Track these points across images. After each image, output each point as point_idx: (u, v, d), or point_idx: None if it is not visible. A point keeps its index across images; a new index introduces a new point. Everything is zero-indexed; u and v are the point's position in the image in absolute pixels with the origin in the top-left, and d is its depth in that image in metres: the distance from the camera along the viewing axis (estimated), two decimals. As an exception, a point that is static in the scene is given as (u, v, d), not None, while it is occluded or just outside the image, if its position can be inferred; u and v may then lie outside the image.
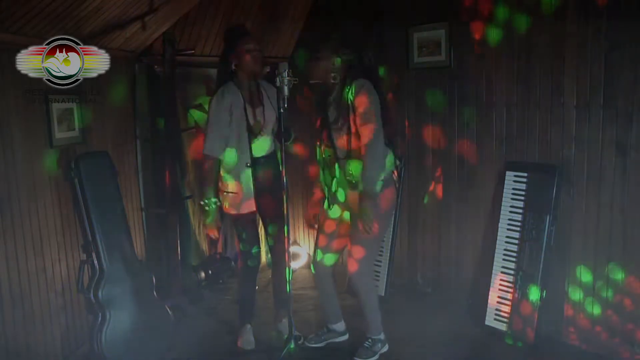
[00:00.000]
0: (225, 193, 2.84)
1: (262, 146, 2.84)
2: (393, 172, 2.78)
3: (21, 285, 2.51)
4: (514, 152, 3.05)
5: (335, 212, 2.83)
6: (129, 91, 3.40)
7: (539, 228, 2.86)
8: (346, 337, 3.05)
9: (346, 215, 2.81)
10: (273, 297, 3.16)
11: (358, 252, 2.72)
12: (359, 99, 2.54)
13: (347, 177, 2.65)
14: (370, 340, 2.85)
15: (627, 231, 2.64)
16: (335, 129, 2.64)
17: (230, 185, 2.82)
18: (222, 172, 2.84)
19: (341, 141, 2.64)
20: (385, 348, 2.89)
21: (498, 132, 3.11)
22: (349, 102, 2.58)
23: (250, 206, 2.85)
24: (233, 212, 2.86)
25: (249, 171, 2.79)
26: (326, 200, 2.85)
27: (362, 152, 2.56)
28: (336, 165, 2.74)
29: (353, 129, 2.59)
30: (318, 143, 2.79)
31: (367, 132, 2.54)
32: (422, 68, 3.41)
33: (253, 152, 2.80)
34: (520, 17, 2.91)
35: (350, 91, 2.57)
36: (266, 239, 3.11)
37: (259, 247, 3.00)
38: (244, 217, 2.89)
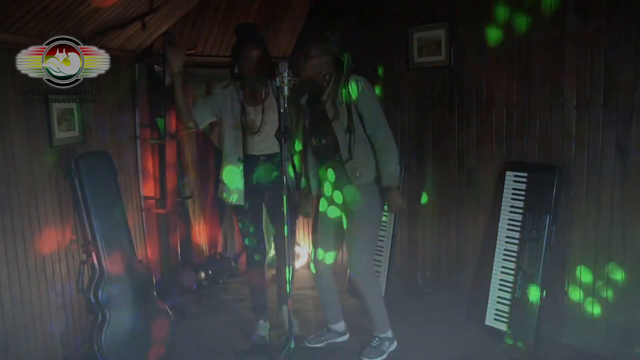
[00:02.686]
0: (219, 181, 2.95)
1: (261, 145, 2.84)
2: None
3: (21, 285, 2.51)
4: (514, 152, 3.04)
5: (332, 211, 2.84)
6: (129, 91, 3.40)
7: (539, 228, 2.86)
8: (346, 337, 3.05)
9: (338, 212, 2.82)
10: (277, 297, 3.18)
11: (357, 250, 2.73)
12: (364, 95, 2.60)
13: (350, 174, 2.65)
14: (377, 339, 2.85)
15: (627, 231, 2.64)
16: (335, 127, 2.65)
17: (223, 174, 2.92)
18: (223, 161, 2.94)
19: (343, 139, 2.64)
20: (394, 346, 2.88)
21: (498, 132, 3.11)
22: (350, 99, 2.60)
23: (237, 199, 2.89)
24: (226, 200, 2.95)
25: (240, 165, 2.84)
26: (323, 199, 2.86)
27: (380, 147, 2.63)
28: (329, 166, 2.76)
29: (352, 125, 2.61)
30: (312, 143, 2.79)
31: (382, 126, 2.64)
32: (422, 68, 3.41)
33: (250, 150, 2.84)
34: (520, 17, 2.91)
35: (351, 88, 2.60)
36: (269, 238, 3.17)
37: (264, 246, 3.03)
38: (244, 216, 2.93)
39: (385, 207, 2.82)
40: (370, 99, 2.64)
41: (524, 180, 2.97)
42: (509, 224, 3.01)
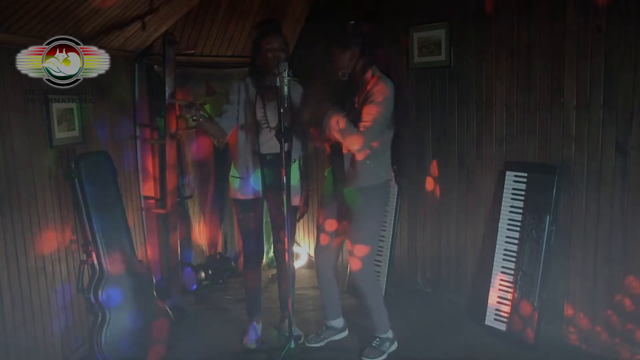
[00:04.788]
0: (231, 177, 2.90)
1: (272, 143, 2.81)
2: (391, 174, 2.80)
3: (21, 285, 2.51)
4: (514, 152, 3.05)
5: (334, 197, 2.84)
6: (129, 91, 3.40)
7: (539, 228, 2.86)
8: (346, 333, 3.06)
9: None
10: (279, 298, 3.17)
11: (359, 250, 2.73)
12: (376, 94, 2.53)
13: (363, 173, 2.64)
14: (378, 339, 2.85)
15: (627, 231, 2.64)
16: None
17: (234, 170, 2.87)
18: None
19: None
20: (394, 347, 2.88)
21: (498, 132, 3.11)
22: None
23: (248, 194, 2.85)
24: (233, 195, 2.90)
25: (255, 158, 2.81)
26: (327, 186, 2.86)
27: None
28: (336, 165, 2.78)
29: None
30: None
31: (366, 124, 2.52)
32: (422, 68, 3.41)
33: (263, 147, 2.81)
34: (520, 17, 2.91)
35: (375, 85, 2.54)
36: (269, 238, 3.14)
37: (262, 247, 3.00)
38: (247, 213, 2.89)
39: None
40: (377, 100, 2.55)
41: (524, 180, 2.97)
42: (509, 224, 3.01)
